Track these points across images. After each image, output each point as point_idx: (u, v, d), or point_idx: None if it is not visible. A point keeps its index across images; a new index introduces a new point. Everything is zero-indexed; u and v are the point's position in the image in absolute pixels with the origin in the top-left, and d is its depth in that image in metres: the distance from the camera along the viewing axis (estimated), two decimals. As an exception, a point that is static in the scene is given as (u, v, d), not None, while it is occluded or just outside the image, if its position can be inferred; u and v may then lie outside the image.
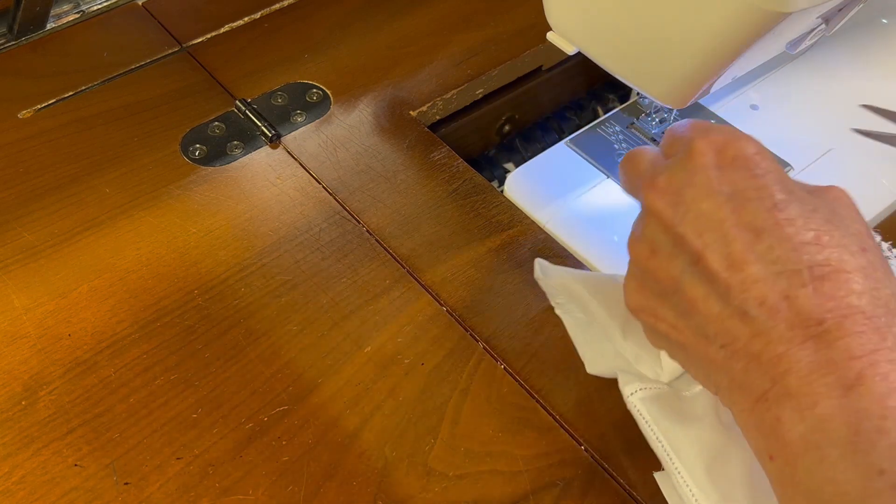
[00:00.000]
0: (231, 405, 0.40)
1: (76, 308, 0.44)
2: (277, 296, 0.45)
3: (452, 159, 0.53)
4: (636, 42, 0.42)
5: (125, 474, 0.38)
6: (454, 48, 0.61)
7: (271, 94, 0.56)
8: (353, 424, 0.40)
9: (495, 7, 0.64)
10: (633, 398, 0.38)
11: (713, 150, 0.32)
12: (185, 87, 0.57)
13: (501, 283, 0.46)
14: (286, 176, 0.51)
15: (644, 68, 0.44)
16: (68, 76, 0.57)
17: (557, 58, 0.62)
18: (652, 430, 0.37)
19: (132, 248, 0.47)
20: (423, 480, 0.38)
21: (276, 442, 0.39)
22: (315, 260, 0.47)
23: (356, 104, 0.56)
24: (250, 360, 0.42)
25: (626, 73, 0.45)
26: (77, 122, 0.54)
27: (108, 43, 0.60)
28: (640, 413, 0.38)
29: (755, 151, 0.31)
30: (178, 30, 0.61)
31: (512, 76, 0.61)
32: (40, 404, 0.40)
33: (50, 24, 0.60)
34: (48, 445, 0.38)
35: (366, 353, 0.43)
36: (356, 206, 0.50)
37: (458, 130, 0.60)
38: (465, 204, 0.50)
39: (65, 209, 0.49)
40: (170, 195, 0.50)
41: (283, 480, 0.38)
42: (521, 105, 0.63)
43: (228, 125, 0.54)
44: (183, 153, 0.52)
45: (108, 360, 0.42)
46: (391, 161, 0.53)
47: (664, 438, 0.36)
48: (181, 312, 0.44)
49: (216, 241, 0.47)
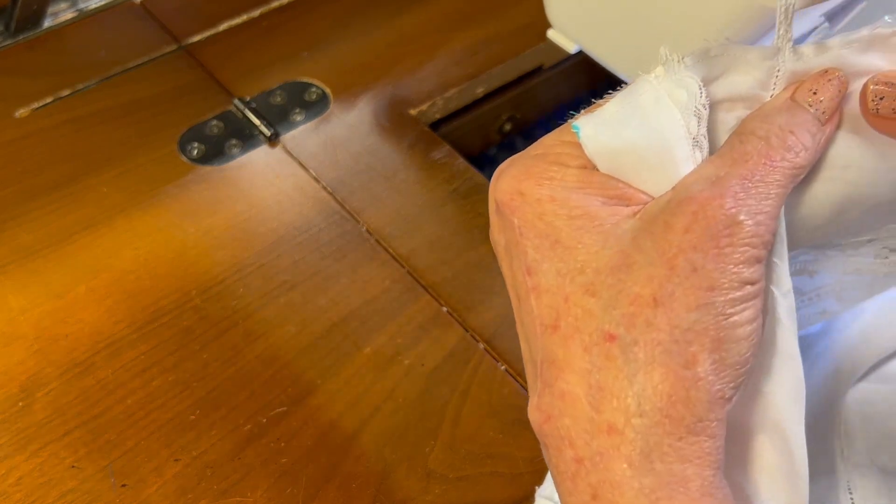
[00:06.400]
0: (229, 406, 0.40)
1: (73, 309, 0.43)
2: (276, 296, 0.45)
3: (453, 158, 0.53)
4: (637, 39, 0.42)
5: (123, 476, 0.37)
6: (455, 46, 0.61)
7: (270, 93, 0.56)
8: (352, 426, 0.40)
9: (496, 5, 0.64)
10: None
11: (491, 194, 0.27)
12: (183, 85, 0.57)
13: (502, 283, 0.46)
14: (285, 175, 0.51)
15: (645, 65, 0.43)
16: (65, 75, 0.56)
17: (558, 56, 0.62)
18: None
19: (130, 248, 0.47)
20: (423, 482, 0.38)
21: (274, 444, 0.39)
22: (314, 260, 0.47)
23: (356, 103, 0.56)
24: (248, 362, 0.42)
25: (628, 70, 0.45)
26: (74, 121, 0.54)
27: (106, 41, 0.59)
28: None
29: (510, 197, 0.25)
30: (176, 28, 0.61)
31: (513, 74, 0.60)
32: (37, 405, 0.40)
33: (47, 23, 0.60)
34: (45, 447, 0.38)
35: (365, 354, 0.42)
36: (356, 206, 0.49)
37: (458, 129, 0.59)
38: (466, 203, 0.50)
39: (62, 209, 0.48)
40: (167, 195, 0.50)
41: (282, 482, 0.37)
42: (522, 104, 0.63)
43: (227, 124, 0.54)
44: (181, 152, 0.52)
45: (105, 361, 0.41)
46: (391, 160, 0.52)
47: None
48: (179, 313, 0.44)
49: (214, 241, 0.47)
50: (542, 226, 0.24)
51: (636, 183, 0.25)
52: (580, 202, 0.24)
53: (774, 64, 0.26)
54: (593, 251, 0.23)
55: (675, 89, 0.25)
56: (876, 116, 0.24)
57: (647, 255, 0.23)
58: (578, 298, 0.23)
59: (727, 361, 0.22)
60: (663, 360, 0.22)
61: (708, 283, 0.22)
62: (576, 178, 0.24)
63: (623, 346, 0.22)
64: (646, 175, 0.25)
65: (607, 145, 0.25)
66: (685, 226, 0.22)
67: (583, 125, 0.25)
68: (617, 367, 0.22)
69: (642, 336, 0.22)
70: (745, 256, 0.22)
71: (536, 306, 0.24)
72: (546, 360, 0.23)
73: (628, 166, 0.25)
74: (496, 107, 0.61)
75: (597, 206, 0.24)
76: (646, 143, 0.24)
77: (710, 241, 0.22)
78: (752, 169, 0.23)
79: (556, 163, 0.25)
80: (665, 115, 0.25)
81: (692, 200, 0.23)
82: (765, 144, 0.24)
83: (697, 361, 0.22)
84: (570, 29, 0.46)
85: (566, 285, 0.23)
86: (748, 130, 0.25)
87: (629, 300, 0.22)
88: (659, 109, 0.25)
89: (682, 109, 0.25)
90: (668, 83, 0.25)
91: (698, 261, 0.22)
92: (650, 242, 0.23)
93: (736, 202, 0.23)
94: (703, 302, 0.22)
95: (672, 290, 0.22)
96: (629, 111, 0.25)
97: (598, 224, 0.24)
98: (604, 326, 0.23)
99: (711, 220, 0.22)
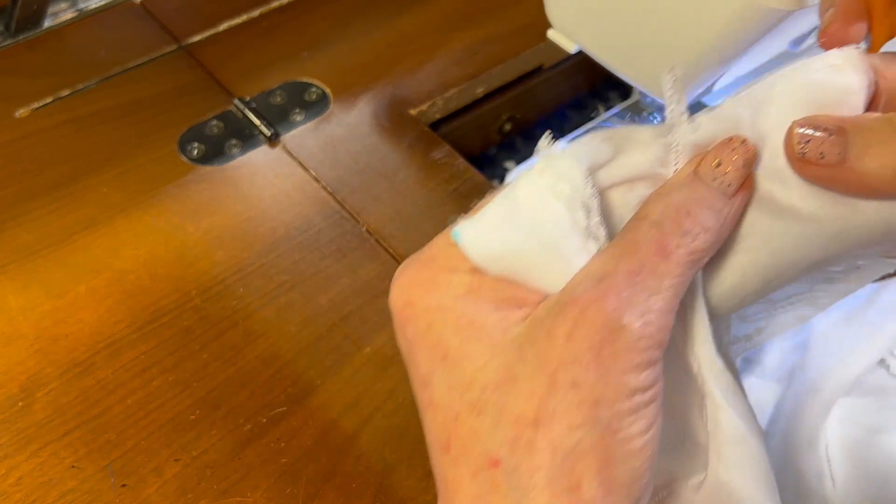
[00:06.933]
0: (229, 406, 0.40)
1: (73, 309, 0.43)
2: (276, 296, 0.45)
3: (453, 158, 0.53)
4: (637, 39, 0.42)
5: (123, 476, 0.37)
6: (455, 46, 0.61)
7: (270, 93, 0.56)
8: (352, 426, 0.40)
9: (496, 5, 0.64)
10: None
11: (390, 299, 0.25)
12: (183, 85, 0.57)
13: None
14: (285, 175, 0.51)
15: (645, 66, 0.43)
16: (65, 75, 0.56)
17: (558, 56, 0.62)
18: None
19: (129, 248, 0.47)
20: (423, 482, 0.38)
21: (274, 444, 0.39)
22: (314, 260, 0.46)
23: (356, 103, 0.56)
24: (248, 362, 0.42)
25: (627, 70, 0.45)
26: (74, 121, 0.54)
27: (106, 41, 0.59)
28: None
29: (401, 308, 0.24)
30: (176, 28, 0.61)
31: (513, 74, 0.60)
32: (37, 405, 0.39)
33: (47, 23, 0.60)
34: (45, 447, 0.38)
35: (365, 353, 0.42)
36: (356, 206, 0.49)
37: (458, 129, 0.59)
38: (466, 203, 0.50)
39: (62, 209, 0.48)
40: (167, 195, 0.50)
41: (282, 482, 0.37)
42: (522, 104, 0.63)
43: (227, 124, 0.54)
44: (181, 152, 0.52)
45: (105, 361, 0.41)
46: (391, 160, 0.52)
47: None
48: (179, 313, 0.44)
49: (214, 241, 0.47)
50: (431, 338, 0.23)
51: (530, 282, 0.23)
52: (468, 311, 0.22)
53: (670, 140, 0.24)
54: (480, 364, 0.22)
55: (557, 183, 0.23)
56: (802, 161, 0.22)
57: (530, 369, 0.21)
58: (466, 417, 0.21)
59: (618, 480, 0.20)
60: (547, 486, 0.20)
61: (591, 398, 0.20)
62: (465, 284, 0.23)
63: (506, 471, 0.21)
64: (537, 274, 0.23)
65: (491, 250, 0.23)
66: (566, 334, 0.21)
67: (462, 232, 0.23)
68: (501, 494, 0.20)
69: (524, 461, 0.20)
70: (631, 364, 0.20)
71: (432, 422, 0.22)
72: (441, 480, 0.22)
73: (518, 268, 0.23)
74: (496, 107, 0.61)
75: (486, 314, 0.22)
76: (531, 244, 0.23)
77: (591, 350, 0.20)
78: (641, 261, 0.21)
79: (446, 268, 0.23)
80: (547, 211, 0.23)
81: (574, 304, 0.21)
82: (657, 231, 0.22)
83: (583, 485, 0.20)
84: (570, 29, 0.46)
85: (456, 402, 0.22)
86: (642, 215, 0.23)
87: (512, 420, 0.21)
88: (540, 206, 0.23)
89: (565, 203, 0.23)
90: (549, 177, 0.23)
91: (579, 374, 0.20)
92: (532, 354, 0.21)
93: (619, 302, 0.21)
94: (587, 419, 0.20)
95: (554, 408, 0.20)
96: (509, 212, 0.23)
97: (487, 334, 0.22)
98: (489, 450, 0.21)
99: (592, 327, 0.20)
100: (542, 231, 0.23)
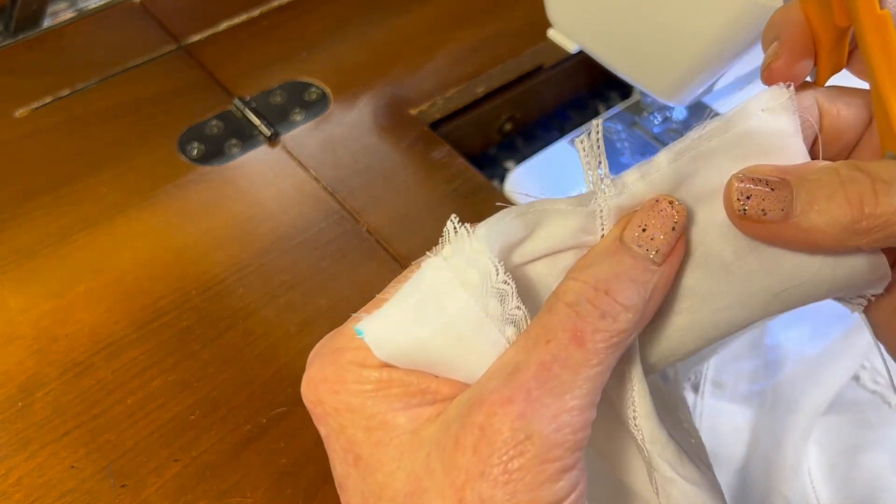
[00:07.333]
0: (229, 407, 0.40)
1: (72, 309, 0.43)
2: (276, 296, 0.45)
3: (453, 158, 0.53)
4: (638, 38, 0.42)
5: (122, 476, 0.37)
6: (455, 46, 0.60)
7: (270, 93, 0.56)
8: (352, 426, 0.39)
9: (496, 5, 0.64)
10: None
11: (302, 393, 0.23)
12: (182, 85, 0.57)
13: (502, 283, 0.46)
14: (285, 175, 0.51)
15: (646, 65, 0.43)
16: (65, 74, 0.56)
17: (558, 56, 0.62)
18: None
19: (129, 248, 0.46)
20: (423, 483, 0.38)
21: (274, 444, 0.39)
22: (314, 260, 0.46)
23: (355, 102, 0.56)
24: (248, 362, 0.42)
25: (628, 69, 0.45)
26: (73, 121, 0.54)
27: (105, 41, 0.59)
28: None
29: (313, 405, 0.22)
30: (176, 27, 0.60)
31: (513, 74, 0.60)
32: (37, 406, 0.39)
33: (46, 22, 0.60)
34: (45, 447, 0.38)
35: (365, 353, 0.42)
36: (355, 206, 0.49)
37: (458, 129, 0.59)
38: (466, 203, 0.50)
39: (61, 209, 0.48)
40: (167, 194, 0.49)
41: (282, 483, 0.37)
42: (522, 103, 0.63)
43: (226, 124, 0.54)
44: (180, 152, 0.52)
45: (104, 362, 0.41)
46: (391, 160, 0.52)
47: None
48: (178, 313, 0.44)
49: (214, 241, 0.47)
50: (344, 441, 0.21)
51: (444, 373, 0.21)
52: (378, 410, 0.21)
53: (593, 208, 0.23)
54: (389, 471, 0.20)
55: (466, 270, 0.21)
56: (743, 218, 0.21)
57: (437, 482, 0.19)
58: None
59: None
60: None
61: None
62: (374, 380, 0.21)
63: None
64: (451, 366, 0.21)
65: (397, 346, 0.21)
66: (473, 444, 0.19)
67: (365, 329, 0.21)
68: None
69: None
70: (544, 476, 0.19)
71: None
72: None
73: (429, 362, 0.21)
74: (496, 107, 0.61)
75: (395, 413, 0.21)
76: (440, 339, 0.21)
77: (499, 465, 0.18)
78: (554, 351, 0.20)
79: (354, 362, 0.21)
80: (455, 304, 0.21)
81: (481, 407, 0.19)
82: (573, 314, 0.20)
83: None
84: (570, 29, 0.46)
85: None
86: (559, 294, 0.21)
87: None
88: (448, 299, 0.21)
89: (474, 292, 0.21)
90: (457, 264, 0.21)
91: (486, 491, 0.18)
92: (440, 465, 0.19)
93: (528, 405, 0.19)
94: None
95: None
96: (416, 306, 0.21)
97: (397, 436, 0.20)
98: None
99: (498, 438, 0.19)
100: (452, 325, 0.21)
